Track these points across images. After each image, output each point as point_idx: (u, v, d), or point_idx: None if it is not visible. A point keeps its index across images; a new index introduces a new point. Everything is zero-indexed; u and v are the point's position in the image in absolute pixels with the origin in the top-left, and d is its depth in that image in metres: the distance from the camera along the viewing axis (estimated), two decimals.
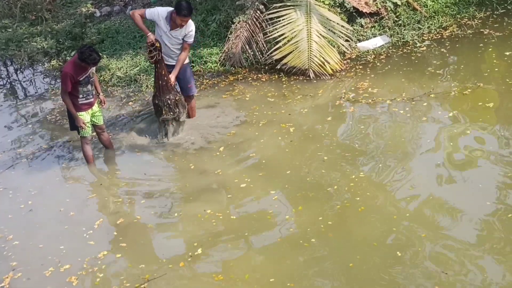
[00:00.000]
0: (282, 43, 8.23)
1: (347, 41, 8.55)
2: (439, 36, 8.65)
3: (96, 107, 6.43)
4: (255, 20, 8.58)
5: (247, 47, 8.58)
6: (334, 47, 8.28)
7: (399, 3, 9.03)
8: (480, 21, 8.82)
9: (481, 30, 8.56)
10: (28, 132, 7.85)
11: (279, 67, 8.26)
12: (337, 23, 8.42)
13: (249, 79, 8.30)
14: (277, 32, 8.28)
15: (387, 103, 6.95)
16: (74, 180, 6.42)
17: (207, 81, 8.43)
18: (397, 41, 8.70)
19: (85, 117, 6.28)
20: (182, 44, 6.56)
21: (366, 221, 4.99)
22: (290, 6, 8.41)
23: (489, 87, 6.95)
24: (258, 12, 8.61)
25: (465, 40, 8.38)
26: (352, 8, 8.87)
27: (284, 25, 8.30)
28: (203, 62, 8.83)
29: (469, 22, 8.81)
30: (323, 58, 8.03)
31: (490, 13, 9.00)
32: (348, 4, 8.84)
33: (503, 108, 6.51)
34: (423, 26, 8.90)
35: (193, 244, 5.01)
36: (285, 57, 8.20)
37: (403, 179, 5.50)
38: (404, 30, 8.87)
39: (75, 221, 5.63)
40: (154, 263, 4.88)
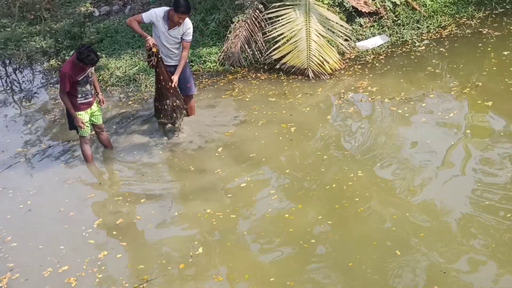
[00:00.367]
0: (281, 42, 8.22)
1: (346, 40, 8.55)
2: (438, 36, 8.65)
3: (95, 106, 6.42)
4: (254, 19, 8.57)
5: (246, 46, 8.58)
6: (333, 46, 8.28)
7: (398, 2, 9.02)
8: (479, 20, 8.82)
9: (480, 29, 8.56)
10: (27, 131, 7.84)
11: (278, 66, 8.26)
12: (336, 23, 8.42)
13: (248, 78, 8.29)
14: (276, 32, 8.28)
15: (386, 103, 6.95)
16: (73, 179, 6.41)
17: (206, 80, 8.42)
18: (396, 40, 8.70)
19: (84, 116, 6.28)
20: (180, 44, 6.55)
21: (365, 220, 4.99)
22: (289, 5, 8.40)
23: (488, 86, 6.95)
24: (257, 11, 8.61)
25: (464, 40, 8.38)
26: (351, 8, 8.87)
27: (283, 25, 8.29)
28: (202, 61, 8.82)
29: (468, 22, 8.80)
30: (322, 57, 8.03)
31: (489, 12, 9.00)
32: (347, 4, 8.83)
33: (502, 107, 6.50)
34: (422, 25, 8.90)
35: (193, 244, 5.01)
36: (284, 56, 8.20)
37: (402, 178, 5.51)
38: (403, 29, 8.87)
39: (74, 221, 5.62)
40: (153, 263, 4.88)
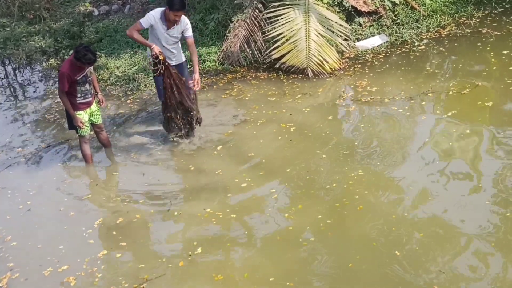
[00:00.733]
0: (280, 42, 8.22)
1: (345, 40, 8.55)
2: (438, 35, 8.65)
3: (94, 106, 6.42)
4: (253, 19, 8.57)
5: (246, 46, 8.58)
6: (332, 46, 8.28)
7: (397, 2, 9.03)
8: (478, 20, 8.82)
9: (479, 29, 8.57)
10: (27, 131, 7.84)
11: (277, 66, 8.26)
12: (336, 22, 8.42)
13: (248, 78, 8.29)
14: (276, 31, 8.28)
15: (386, 102, 6.95)
16: (73, 179, 6.41)
17: (206, 80, 8.42)
18: (395, 40, 8.70)
19: (83, 116, 6.27)
20: (178, 43, 6.53)
21: (365, 220, 4.99)
22: (288, 5, 8.41)
23: (487, 86, 6.96)
24: (257, 11, 8.61)
25: (463, 39, 8.38)
26: (351, 7, 8.87)
27: (282, 24, 8.29)
28: (201, 61, 8.81)
29: (467, 21, 8.81)
30: (321, 57, 8.04)
31: (488, 12, 9.00)
32: (346, 3, 8.84)
33: (502, 107, 6.51)
34: (421, 25, 8.90)
35: (192, 243, 5.01)
36: (283, 56, 8.20)
37: (402, 178, 5.50)
38: (403, 29, 8.88)
39: (74, 220, 5.62)
40: (153, 262, 4.88)
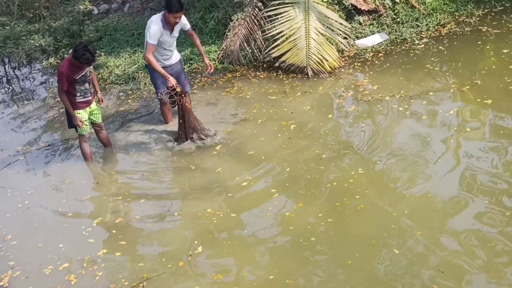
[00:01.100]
0: (280, 40, 8.21)
1: (345, 38, 8.55)
2: (437, 34, 8.65)
3: (94, 105, 6.42)
4: (253, 17, 8.57)
5: (245, 44, 8.57)
6: (332, 44, 8.28)
7: (397, 0, 9.03)
8: (478, 18, 8.82)
9: (479, 27, 8.56)
10: (26, 130, 7.84)
11: (277, 64, 8.25)
12: (336, 21, 8.42)
13: (247, 76, 8.29)
14: (275, 30, 8.27)
15: (386, 100, 6.95)
16: (73, 178, 6.41)
17: (205, 78, 8.42)
18: (395, 38, 8.70)
19: (83, 115, 6.27)
20: (175, 41, 6.61)
21: (365, 218, 4.99)
22: (288, 3, 8.40)
23: (487, 84, 6.96)
24: (256, 9, 8.60)
25: (463, 38, 8.38)
26: (351, 6, 8.87)
27: (282, 23, 8.28)
28: (201, 59, 8.80)
29: (467, 20, 8.80)
30: (321, 55, 8.03)
31: (488, 10, 9.00)
32: (346, 2, 8.83)
33: (501, 105, 6.51)
34: (421, 23, 8.90)
35: (193, 243, 5.01)
36: (283, 54, 8.19)
37: (402, 176, 5.51)
38: (403, 27, 8.87)
39: (74, 220, 5.63)
40: (153, 261, 4.88)
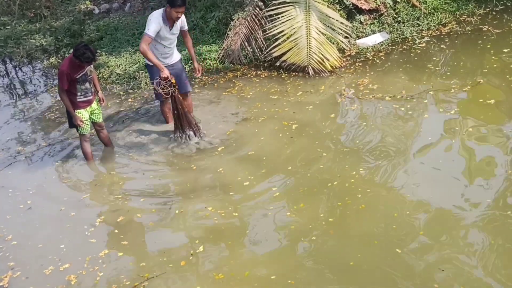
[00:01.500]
0: (281, 40, 8.21)
1: (346, 38, 8.55)
2: (438, 33, 8.64)
3: (95, 104, 6.41)
4: (254, 17, 8.56)
5: (246, 44, 8.57)
6: (333, 44, 8.27)
7: None
8: (479, 17, 8.81)
9: (480, 26, 8.55)
10: (27, 129, 7.84)
11: (278, 64, 8.25)
12: (336, 20, 8.42)
13: (248, 76, 8.29)
14: (276, 29, 8.27)
15: (388, 100, 6.94)
16: (74, 178, 6.40)
17: (206, 78, 8.41)
18: (396, 37, 8.69)
19: (83, 114, 6.27)
20: (175, 41, 6.59)
21: (366, 218, 4.98)
22: (289, 3, 8.39)
23: (489, 83, 6.95)
24: (257, 9, 8.60)
25: (464, 37, 8.37)
26: (351, 5, 8.86)
27: (283, 22, 8.28)
28: (202, 59, 8.81)
29: (468, 19, 8.80)
30: (322, 55, 8.03)
31: (489, 9, 8.99)
32: (347, 1, 8.83)
33: (504, 105, 6.50)
34: (422, 22, 8.89)
35: (194, 242, 5.00)
36: (284, 54, 8.19)
37: (404, 176, 5.49)
38: (404, 26, 8.87)
39: (75, 219, 5.61)
40: (154, 261, 4.87)
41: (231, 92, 7.86)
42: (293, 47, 8.14)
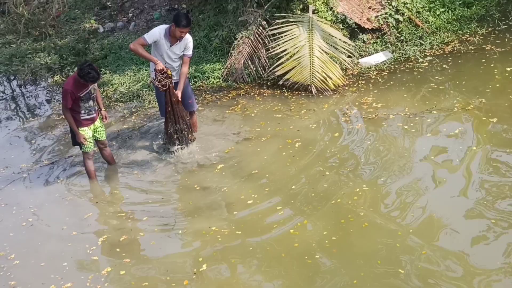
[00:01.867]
0: (284, 58, 8.25)
1: (349, 57, 8.58)
2: (441, 52, 8.66)
3: (98, 122, 6.43)
4: (257, 36, 8.62)
5: (250, 62, 8.61)
6: (336, 62, 8.30)
7: (401, 19, 9.08)
8: (482, 37, 8.83)
9: (483, 46, 8.57)
10: (31, 147, 7.85)
11: (281, 82, 8.28)
12: (339, 39, 8.46)
13: (252, 94, 8.31)
14: (280, 48, 8.32)
15: (391, 119, 6.94)
16: (76, 196, 6.40)
17: (210, 96, 8.44)
18: (399, 56, 8.72)
19: (87, 132, 6.28)
20: (180, 60, 6.58)
21: (370, 236, 4.95)
22: (292, 22, 8.46)
23: (491, 102, 6.94)
24: (261, 28, 8.66)
25: (467, 56, 8.38)
26: (354, 24, 8.92)
27: (286, 41, 8.33)
28: (205, 77, 8.85)
29: (470, 38, 8.82)
30: (325, 73, 8.05)
31: (492, 29, 9.01)
32: (350, 20, 8.89)
33: (507, 123, 6.49)
34: (425, 42, 8.92)
35: (197, 261, 4.97)
36: (287, 72, 8.22)
37: (407, 194, 5.47)
38: (406, 46, 8.90)
39: (77, 238, 5.60)
40: (157, 280, 4.84)
41: (234, 110, 7.87)
42: (296, 66, 8.17)
